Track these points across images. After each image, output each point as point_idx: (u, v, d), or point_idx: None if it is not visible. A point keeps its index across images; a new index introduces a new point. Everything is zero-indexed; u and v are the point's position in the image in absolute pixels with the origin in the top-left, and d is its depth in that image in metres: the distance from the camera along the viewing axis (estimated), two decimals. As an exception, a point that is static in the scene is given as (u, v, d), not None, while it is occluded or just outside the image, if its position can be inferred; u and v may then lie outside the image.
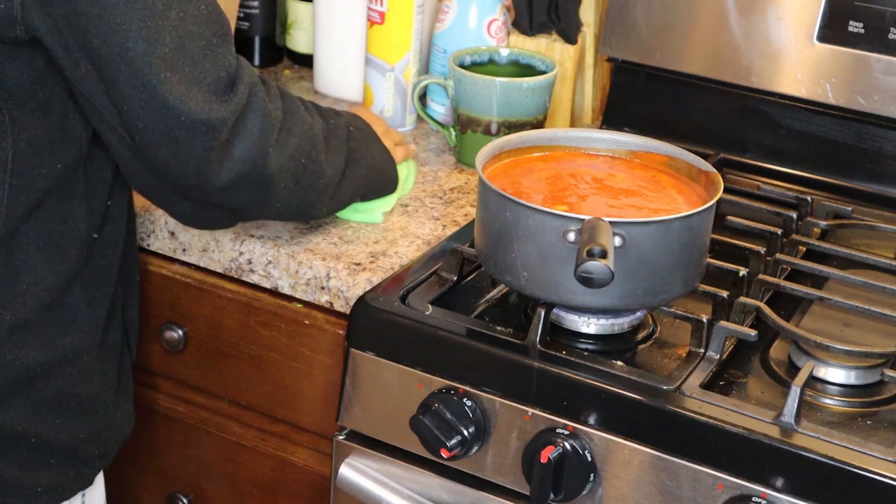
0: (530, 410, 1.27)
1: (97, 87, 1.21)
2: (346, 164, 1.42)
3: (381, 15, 1.76)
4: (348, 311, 1.39)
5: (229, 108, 1.23)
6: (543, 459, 1.23)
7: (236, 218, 1.38)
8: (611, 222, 1.23)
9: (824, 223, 1.58)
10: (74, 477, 1.38)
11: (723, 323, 1.30)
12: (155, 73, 1.18)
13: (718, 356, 1.30)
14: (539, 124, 1.70)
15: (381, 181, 1.51)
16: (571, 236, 1.24)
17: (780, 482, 1.17)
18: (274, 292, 1.50)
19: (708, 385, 1.26)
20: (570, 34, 1.82)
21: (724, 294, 1.36)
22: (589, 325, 1.34)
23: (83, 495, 1.42)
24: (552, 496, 1.25)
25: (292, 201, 1.35)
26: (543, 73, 1.72)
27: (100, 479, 1.46)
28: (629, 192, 1.37)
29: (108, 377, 1.39)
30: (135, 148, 1.24)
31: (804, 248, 1.53)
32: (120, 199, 1.37)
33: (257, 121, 1.26)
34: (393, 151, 1.54)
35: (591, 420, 1.24)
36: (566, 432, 1.25)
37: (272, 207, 1.34)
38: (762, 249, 1.48)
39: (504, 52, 1.76)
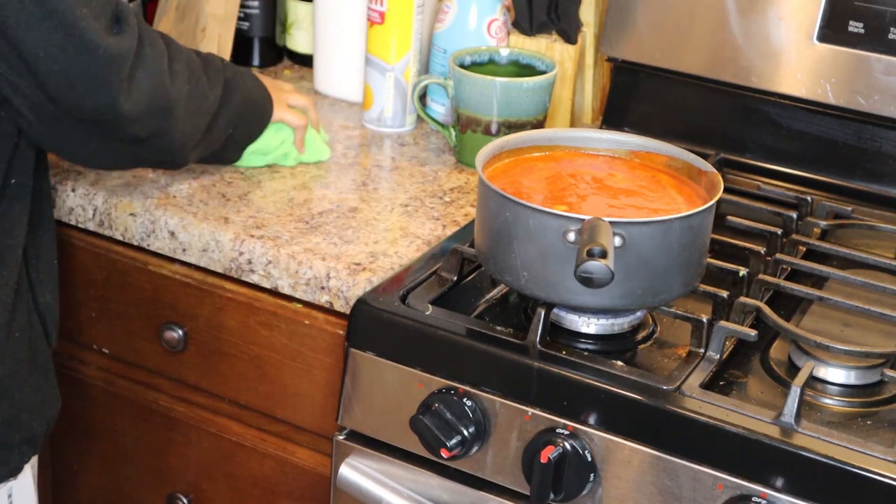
0: (530, 410, 1.27)
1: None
2: (224, 91, 1.49)
3: (381, 15, 1.76)
4: (348, 311, 1.39)
5: (130, 39, 1.29)
6: (543, 459, 1.23)
7: (138, 154, 1.42)
8: (611, 222, 1.23)
9: (824, 223, 1.58)
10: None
11: (723, 323, 1.30)
12: (70, 9, 1.22)
13: (718, 356, 1.30)
14: (539, 124, 1.70)
15: (254, 112, 1.57)
16: (571, 236, 1.24)
17: (780, 482, 1.17)
18: (274, 292, 1.50)
19: (708, 385, 1.26)
20: (570, 34, 1.82)
21: (724, 294, 1.36)
22: (589, 325, 1.34)
23: (10, 494, 1.40)
24: (552, 496, 1.25)
25: (187, 127, 1.42)
26: (543, 73, 1.72)
27: (27, 473, 1.43)
28: (629, 192, 1.37)
29: (20, 358, 1.38)
30: (37, 96, 1.27)
31: (804, 248, 1.53)
32: (23, 179, 1.36)
33: (149, 50, 1.33)
34: (283, 99, 1.63)
35: (591, 420, 1.24)
36: (566, 432, 1.25)
37: (173, 135, 1.40)
38: (762, 249, 1.48)
39: (504, 52, 1.76)
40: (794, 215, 1.58)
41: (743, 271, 1.42)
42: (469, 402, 1.29)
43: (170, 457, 1.66)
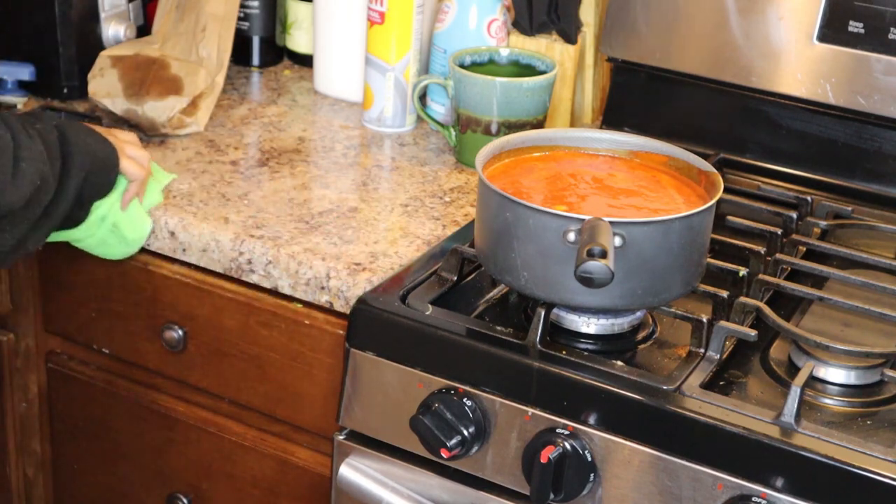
0: (530, 410, 1.27)
1: None
2: (62, 160, 1.37)
3: (381, 15, 1.76)
4: (348, 311, 1.39)
5: None
6: (543, 459, 1.23)
7: None
8: (611, 222, 1.23)
9: (824, 223, 1.58)
10: None
11: (723, 323, 1.30)
12: None
13: (718, 356, 1.30)
14: (539, 124, 1.70)
15: (100, 169, 1.43)
16: (571, 236, 1.24)
17: (780, 482, 1.17)
18: (274, 292, 1.50)
19: (708, 385, 1.26)
20: (570, 34, 1.82)
21: (724, 294, 1.36)
22: (589, 325, 1.34)
23: None
24: (552, 496, 1.25)
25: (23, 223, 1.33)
26: (543, 73, 1.72)
27: None
28: (629, 192, 1.37)
29: None
30: None
31: (804, 248, 1.53)
32: None
33: None
34: (121, 149, 1.48)
35: (591, 420, 1.24)
36: (566, 432, 1.25)
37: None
38: (762, 249, 1.48)
39: (504, 52, 1.76)
40: (794, 215, 1.58)
41: (743, 271, 1.42)
42: (469, 402, 1.29)
43: (170, 457, 1.66)
